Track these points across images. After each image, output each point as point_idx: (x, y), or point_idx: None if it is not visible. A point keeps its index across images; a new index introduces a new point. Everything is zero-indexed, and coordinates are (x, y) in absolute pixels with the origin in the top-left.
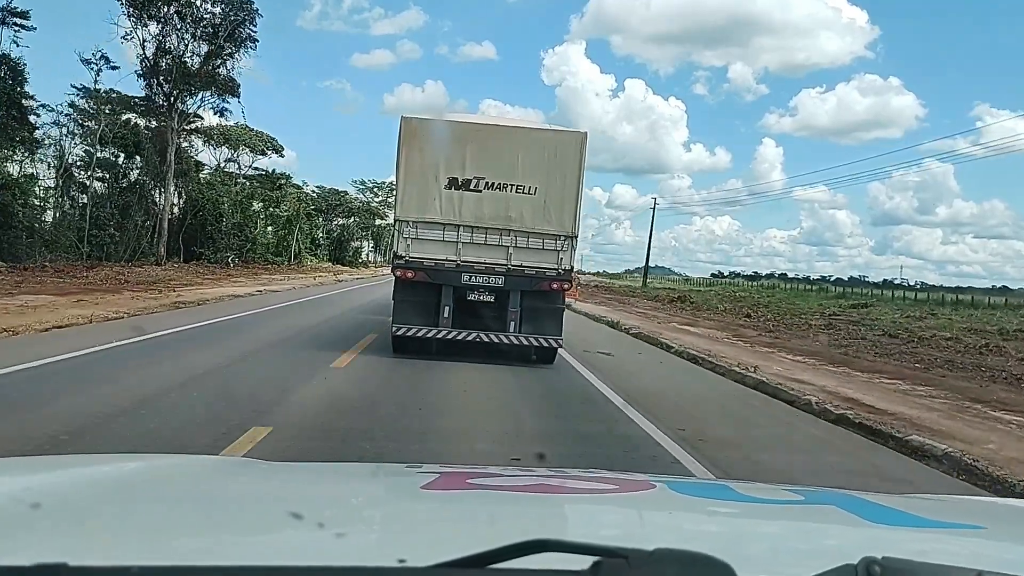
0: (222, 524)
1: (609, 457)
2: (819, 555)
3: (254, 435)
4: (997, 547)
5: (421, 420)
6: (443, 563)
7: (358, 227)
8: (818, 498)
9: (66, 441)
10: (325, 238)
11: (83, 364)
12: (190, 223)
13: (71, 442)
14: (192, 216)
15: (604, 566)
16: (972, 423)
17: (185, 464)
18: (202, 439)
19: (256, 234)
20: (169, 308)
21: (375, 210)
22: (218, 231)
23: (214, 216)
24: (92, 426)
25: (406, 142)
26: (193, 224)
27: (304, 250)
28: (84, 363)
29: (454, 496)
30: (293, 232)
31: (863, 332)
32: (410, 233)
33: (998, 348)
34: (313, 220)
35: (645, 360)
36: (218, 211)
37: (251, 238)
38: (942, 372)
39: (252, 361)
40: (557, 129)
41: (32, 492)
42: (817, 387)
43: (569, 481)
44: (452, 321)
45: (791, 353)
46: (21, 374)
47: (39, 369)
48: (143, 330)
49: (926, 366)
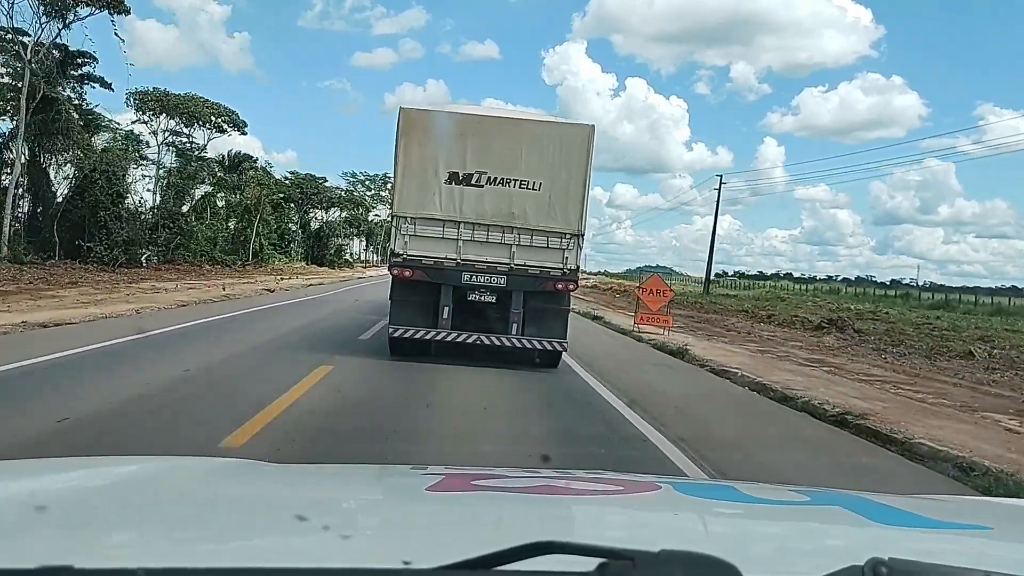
0: (227, 526)
1: None
2: (825, 556)
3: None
4: (1003, 547)
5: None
6: (448, 565)
7: (345, 223)
8: (823, 499)
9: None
10: (300, 233)
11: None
12: (77, 207)
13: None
14: (80, 198)
15: (610, 568)
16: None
17: (189, 466)
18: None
19: (196, 226)
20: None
21: (360, 200)
22: (114, 218)
23: (109, 197)
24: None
25: (405, 134)
26: (81, 208)
27: (267, 247)
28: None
29: (459, 498)
30: (253, 224)
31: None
32: (408, 230)
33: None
34: (283, 211)
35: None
36: (114, 190)
37: (185, 231)
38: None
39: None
40: (563, 122)
41: (37, 495)
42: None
43: (574, 483)
44: (452, 322)
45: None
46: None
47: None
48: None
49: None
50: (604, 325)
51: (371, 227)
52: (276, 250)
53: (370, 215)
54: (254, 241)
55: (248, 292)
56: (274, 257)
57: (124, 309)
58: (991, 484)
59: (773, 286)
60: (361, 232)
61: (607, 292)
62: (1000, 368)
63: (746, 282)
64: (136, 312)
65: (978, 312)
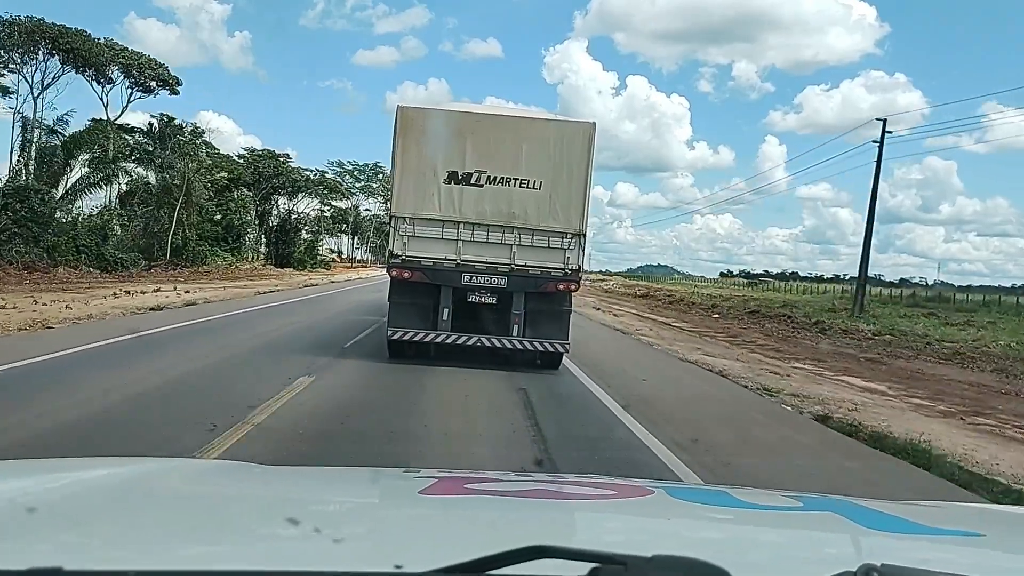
0: (218, 528)
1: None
2: (818, 562)
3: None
4: (996, 554)
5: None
6: (440, 569)
7: (330, 219)
8: (817, 505)
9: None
10: (257, 225)
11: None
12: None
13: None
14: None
15: (602, 573)
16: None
17: (181, 468)
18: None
19: (62, 211)
20: None
21: (334, 185)
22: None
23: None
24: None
25: (403, 133)
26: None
27: (198, 242)
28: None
29: (452, 501)
30: (174, 211)
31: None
32: (406, 231)
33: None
34: (233, 197)
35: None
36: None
37: (40, 216)
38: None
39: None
40: (563, 120)
41: (28, 496)
42: None
43: (567, 487)
44: (451, 324)
45: None
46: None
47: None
48: None
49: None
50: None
51: (361, 221)
52: (221, 247)
53: (361, 207)
54: (175, 234)
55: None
56: (216, 256)
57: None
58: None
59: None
60: (338, 228)
61: (633, 298)
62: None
63: (746, 282)
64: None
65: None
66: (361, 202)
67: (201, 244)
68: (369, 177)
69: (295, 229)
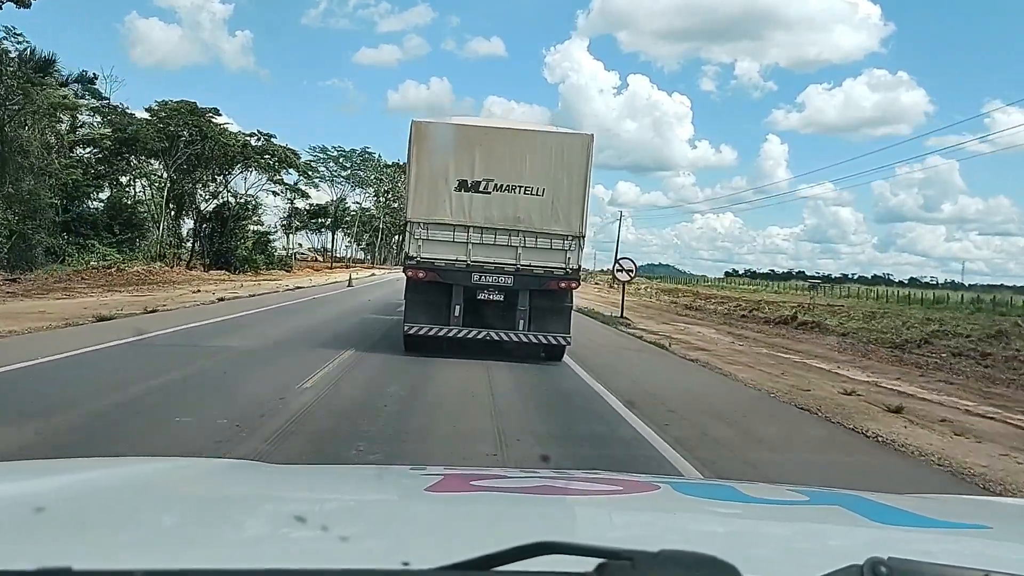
0: (226, 527)
1: None
2: (824, 555)
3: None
4: (1003, 547)
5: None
6: (447, 566)
7: (305, 211)
8: (823, 498)
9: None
10: (170, 209)
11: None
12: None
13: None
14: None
15: (609, 568)
16: None
17: (188, 467)
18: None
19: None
20: None
21: (286, 156)
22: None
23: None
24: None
25: (416, 145)
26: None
27: (34, 228)
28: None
29: (458, 498)
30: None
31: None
32: (421, 234)
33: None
34: (123, 164)
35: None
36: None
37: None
38: None
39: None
40: (564, 132)
41: (36, 496)
42: None
43: (573, 483)
44: (463, 320)
45: None
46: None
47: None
48: None
49: None
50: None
51: (352, 216)
52: (102, 239)
53: (348, 200)
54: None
55: None
56: (92, 252)
57: None
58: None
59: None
60: (317, 222)
61: (687, 310)
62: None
63: (754, 281)
64: None
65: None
66: (348, 193)
67: (50, 235)
68: (356, 164)
69: (237, 218)
